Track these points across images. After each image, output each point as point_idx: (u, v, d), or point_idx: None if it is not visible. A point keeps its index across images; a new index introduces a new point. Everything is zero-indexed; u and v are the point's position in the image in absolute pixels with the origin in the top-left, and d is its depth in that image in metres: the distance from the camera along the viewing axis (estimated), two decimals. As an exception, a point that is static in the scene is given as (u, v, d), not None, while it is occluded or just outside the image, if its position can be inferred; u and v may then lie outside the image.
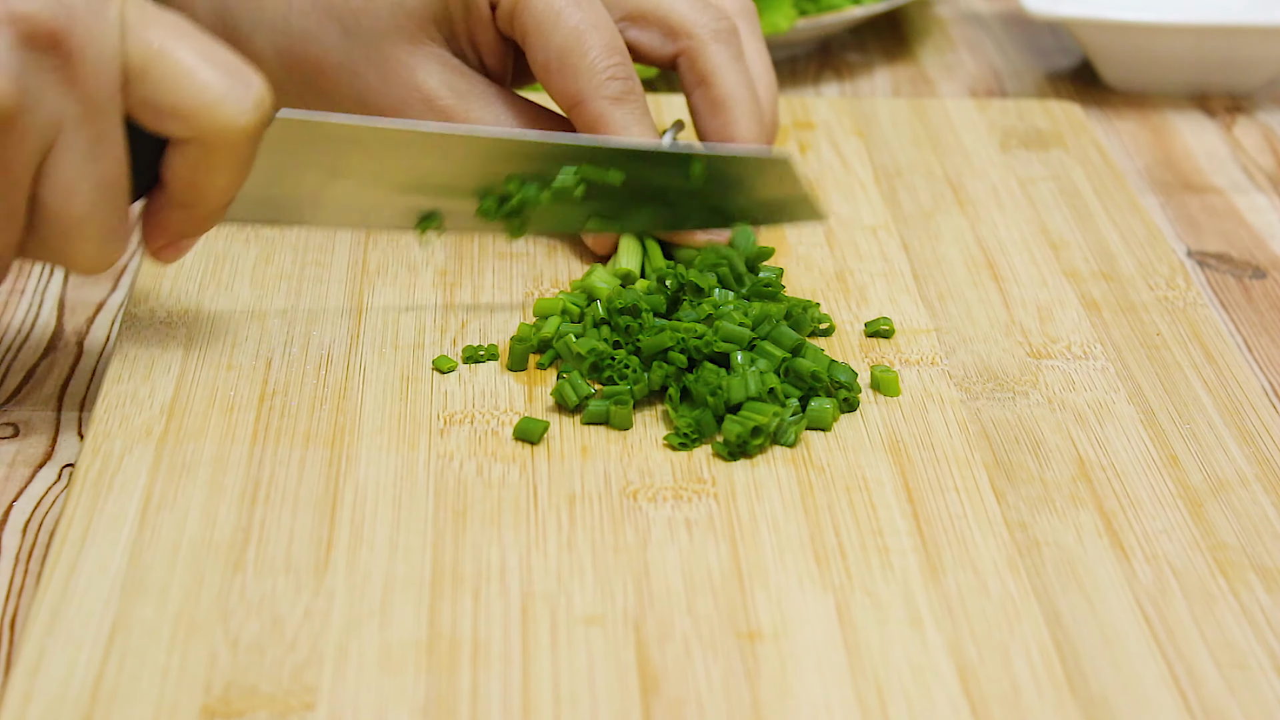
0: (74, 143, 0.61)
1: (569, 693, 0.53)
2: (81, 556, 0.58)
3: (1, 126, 0.59)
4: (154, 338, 0.70)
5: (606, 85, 0.75)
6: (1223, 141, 0.99)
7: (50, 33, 0.59)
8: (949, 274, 0.78)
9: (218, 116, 0.62)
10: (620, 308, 0.69)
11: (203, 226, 0.66)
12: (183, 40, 0.62)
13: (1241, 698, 0.54)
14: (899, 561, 0.59)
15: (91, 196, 0.62)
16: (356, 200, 0.72)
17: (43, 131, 0.60)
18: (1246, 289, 0.83)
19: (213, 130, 0.62)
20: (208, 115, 0.62)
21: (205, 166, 0.64)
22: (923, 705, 0.53)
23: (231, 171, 0.64)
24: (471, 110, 0.76)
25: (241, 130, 0.62)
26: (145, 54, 0.61)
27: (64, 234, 0.62)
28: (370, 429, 0.65)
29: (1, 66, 0.58)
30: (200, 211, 0.65)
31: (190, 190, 0.64)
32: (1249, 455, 0.66)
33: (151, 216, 0.66)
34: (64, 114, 0.60)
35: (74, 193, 0.61)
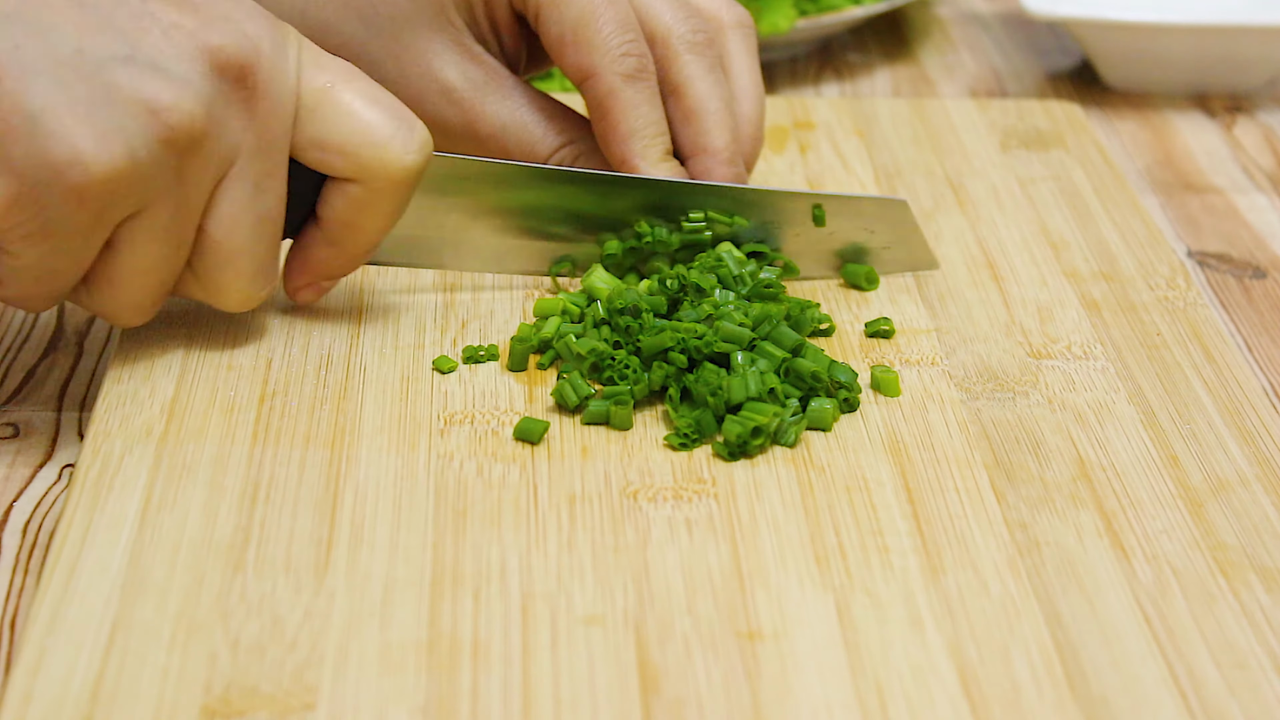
0: (246, 174, 0.63)
1: (569, 693, 0.53)
2: (81, 556, 0.58)
3: (190, 149, 0.61)
4: (154, 338, 0.70)
5: (620, 61, 0.75)
6: (1223, 141, 0.99)
7: (240, 66, 0.62)
8: (949, 274, 0.78)
9: (384, 156, 0.65)
10: (620, 308, 0.69)
11: (349, 267, 0.69)
12: (352, 82, 0.65)
13: (1241, 698, 0.54)
14: (899, 561, 0.59)
15: (252, 229, 0.64)
16: (494, 243, 0.74)
17: (222, 159, 0.63)
18: (1246, 289, 0.83)
19: (378, 169, 0.65)
20: (374, 154, 0.65)
21: (365, 206, 0.66)
22: (923, 705, 0.53)
23: (389, 212, 0.67)
24: (488, 102, 0.76)
25: (405, 170, 0.65)
26: (318, 92, 0.64)
27: (220, 266, 0.65)
28: (370, 429, 0.65)
29: (196, 92, 0.61)
30: (350, 251, 0.68)
31: (345, 229, 0.67)
32: (1249, 455, 0.66)
33: (299, 255, 0.68)
34: (241, 145, 0.63)
35: (238, 225, 0.64)
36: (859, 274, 0.76)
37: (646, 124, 0.75)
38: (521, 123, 0.76)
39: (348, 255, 0.68)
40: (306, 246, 0.68)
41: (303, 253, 0.68)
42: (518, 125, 0.76)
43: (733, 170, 0.76)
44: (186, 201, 0.62)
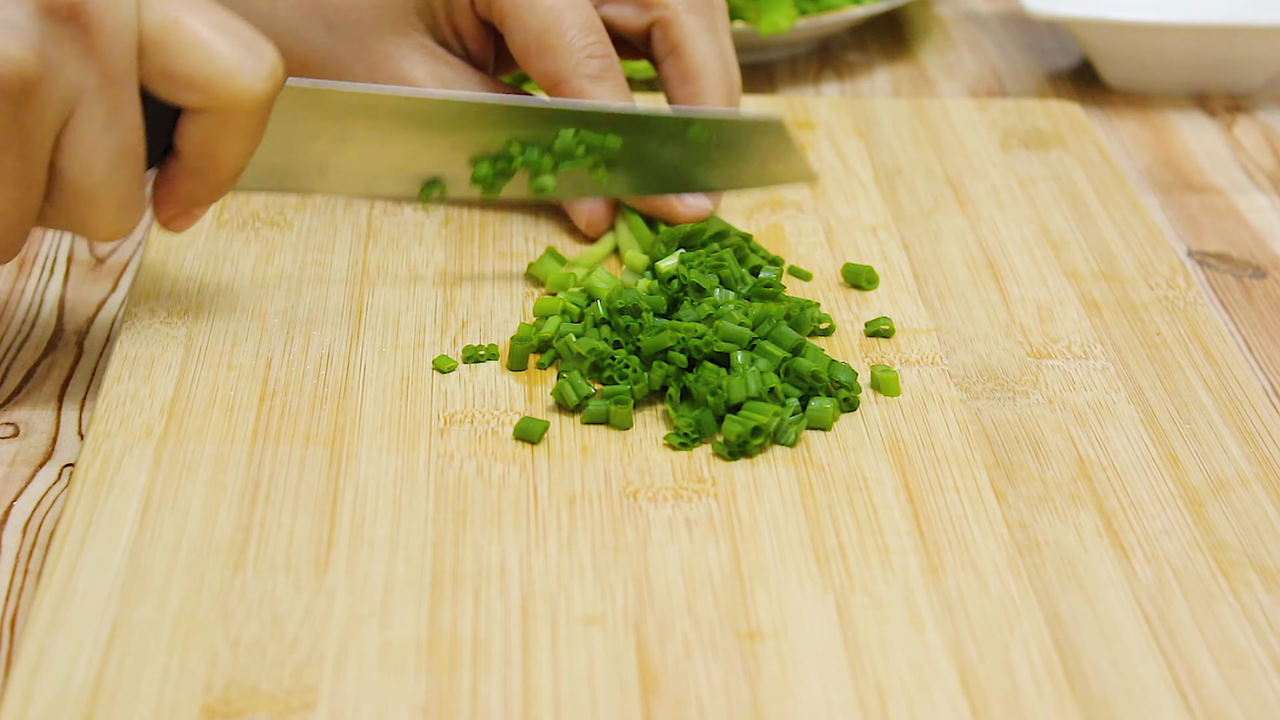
0: (92, 112, 0.62)
1: (569, 693, 0.53)
2: (81, 556, 0.58)
3: (23, 95, 0.60)
4: (154, 338, 0.70)
5: (585, 64, 0.76)
6: (1223, 141, 0.99)
7: (69, 4, 0.60)
8: (949, 274, 0.78)
9: (232, 85, 0.63)
10: (620, 308, 0.69)
11: (214, 194, 0.68)
12: (197, 11, 0.63)
13: (1241, 698, 0.54)
14: (899, 561, 0.59)
15: (109, 165, 0.63)
16: (361, 168, 0.73)
17: (62, 101, 0.61)
18: (1246, 289, 0.83)
19: (227, 98, 0.64)
20: (223, 84, 0.63)
21: (219, 134, 0.65)
22: (923, 705, 0.53)
23: (244, 139, 0.65)
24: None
25: (255, 98, 0.64)
26: (161, 24, 0.63)
27: (82, 202, 0.63)
28: (370, 429, 0.65)
29: (23, 36, 0.60)
30: (213, 179, 0.67)
31: (203, 158, 0.66)
32: (1249, 455, 0.66)
33: (163, 186, 0.67)
34: (83, 83, 0.62)
35: (92, 161, 0.63)
36: (859, 273, 0.76)
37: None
38: None
39: (211, 183, 0.67)
40: (170, 177, 0.67)
41: (167, 183, 0.67)
42: None
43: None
44: (30, 145, 0.61)
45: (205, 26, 0.63)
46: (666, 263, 0.72)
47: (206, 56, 0.63)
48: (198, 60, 0.63)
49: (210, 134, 0.65)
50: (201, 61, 0.63)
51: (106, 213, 0.64)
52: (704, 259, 0.72)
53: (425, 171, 0.74)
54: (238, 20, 0.64)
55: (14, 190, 0.62)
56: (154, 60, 0.63)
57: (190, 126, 0.65)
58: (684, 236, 0.75)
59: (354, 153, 0.73)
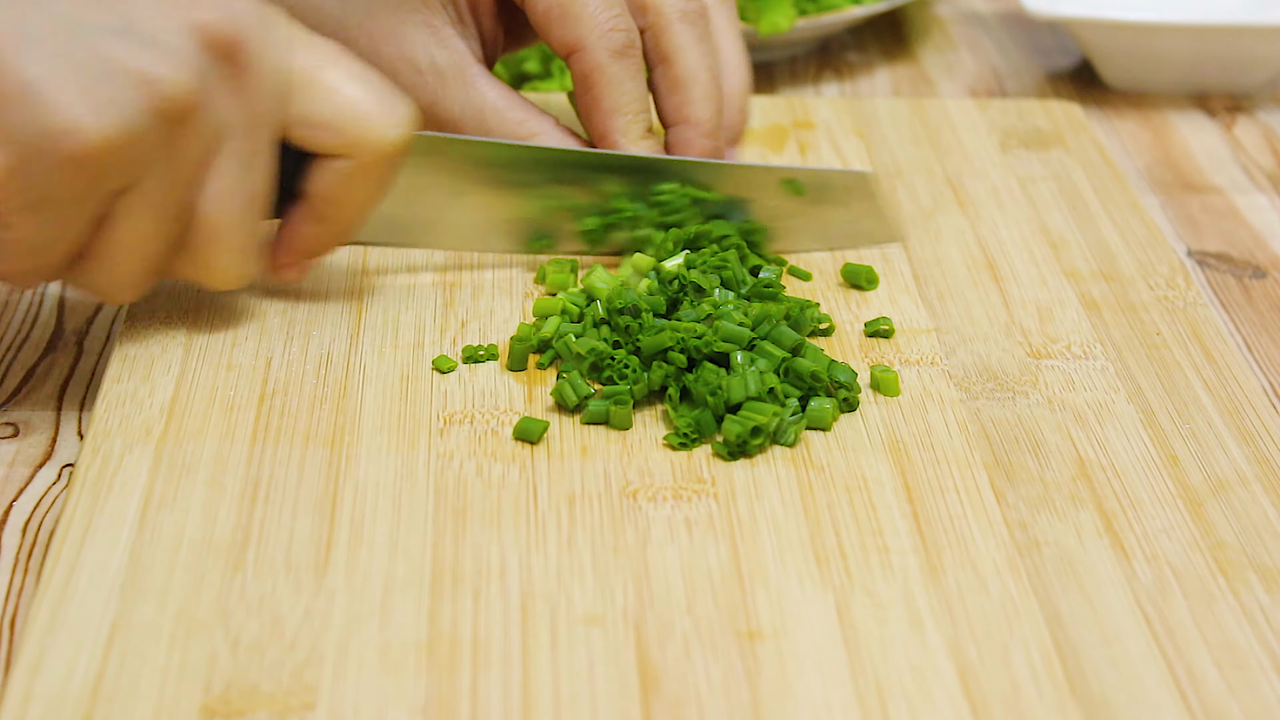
0: (235, 152, 0.64)
1: (569, 693, 0.53)
2: (81, 556, 0.58)
3: (183, 120, 0.61)
4: (154, 338, 0.70)
5: (609, 36, 0.75)
6: (1223, 141, 0.99)
7: (231, 42, 0.62)
8: (949, 274, 0.78)
9: (370, 131, 0.65)
10: (620, 308, 0.69)
11: (334, 244, 0.69)
12: (339, 61, 0.66)
13: (1241, 698, 0.54)
14: (899, 561, 0.59)
15: (243, 207, 0.65)
16: (473, 221, 0.75)
17: (212, 134, 0.63)
18: (1246, 289, 0.83)
19: (364, 144, 0.66)
20: (361, 130, 0.65)
21: (351, 181, 0.67)
22: (923, 705, 0.53)
23: (375, 188, 0.67)
24: (449, 89, 0.77)
25: (392, 144, 0.66)
26: (305, 71, 0.65)
27: (210, 244, 0.65)
28: (370, 429, 0.65)
29: (187, 64, 0.61)
30: (336, 228, 0.68)
31: (331, 205, 0.67)
32: (1249, 455, 0.66)
33: (285, 233, 0.69)
34: (231, 122, 0.63)
35: (228, 202, 0.64)
36: (859, 273, 0.76)
37: (630, 101, 0.76)
38: (478, 111, 0.77)
39: (333, 232, 0.68)
40: (291, 225, 0.68)
41: (288, 231, 0.69)
42: (474, 114, 0.76)
43: (712, 144, 0.77)
44: (178, 176, 0.62)
45: (346, 75, 0.65)
46: (671, 263, 0.72)
47: (347, 102, 0.65)
48: (338, 106, 0.65)
49: (343, 181, 0.66)
50: (342, 107, 0.65)
51: (230, 258, 0.65)
52: (707, 259, 0.72)
53: (532, 223, 0.75)
54: (375, 72, 0.66)
55: (155, 222, 0.63)
56: (296, 105, 0.65)
57: (323, 173, 0.66)
58: (689, 239, 0.75)
59: (466, 205, 0.74)
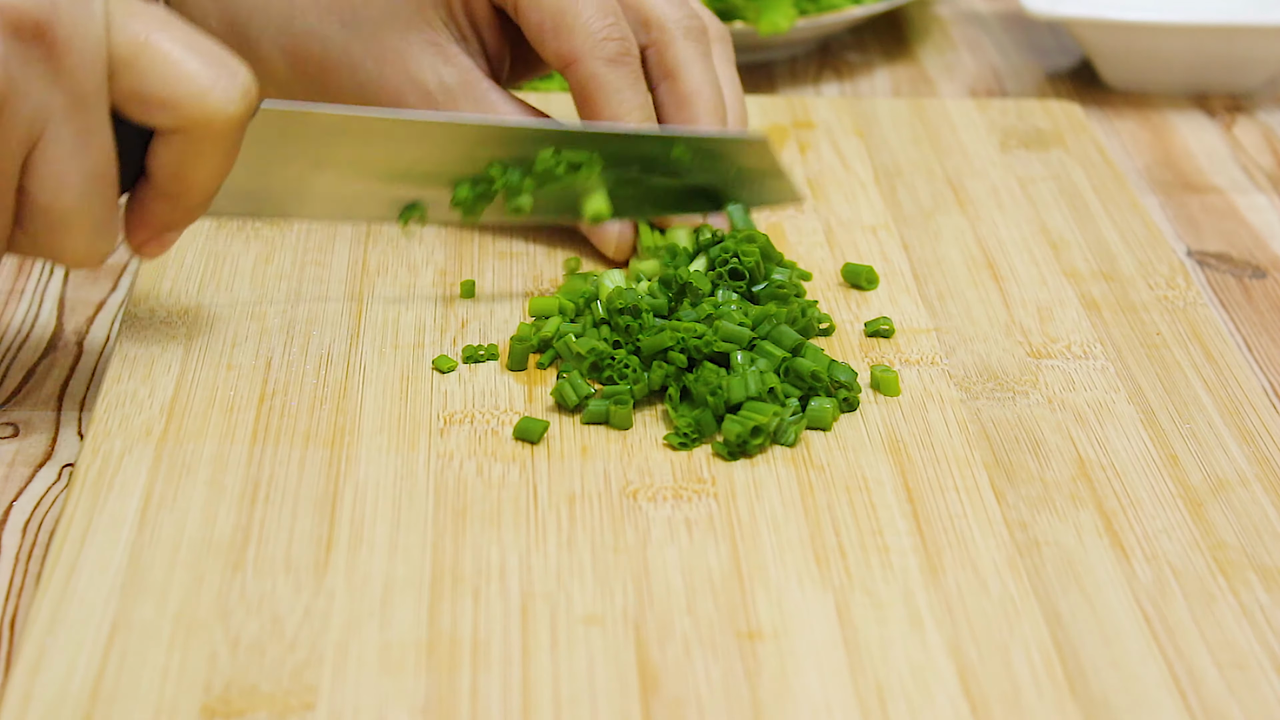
0: (62, 135, 0.61)
1: (569, 693, 0.53)
2: (81, 556, 0.58)
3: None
4: (154, 338, 0.70)
5: (602, 45, 0.75)
6: (1223, 141, 0.99)
7: (35, 23, 0.59)
8: (949, 274, 0.78)
9: (205, 106, 0.62)
10: (620, 308, 0.69)
11: (187, 219, 0.66)
12: (168, 31, 0.62)
13: (1241, 698, 0.54)
14: (899, 561, 0.59)
15: (80, 189, 0.62)
16: (340, 191, 0.72)
17: (30, 123, 0.60)
18: (1246, 289, 0.83)
19: (200, 120, 0.62)
20: (195, 105, 0.62)
21: (191, 156, 0.64)
22: (923, 705, 0.53)
23: (217, 161, 0.64)
24: (460, 106, 0.76)
25: (228, 119, 0.63)
26: (131, 45, 0.61)
27: (53, 227, 0.62)
28: (370, 429, 0.65)
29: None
30: (185, 203, 0.65)
31: (176, 181, 0.64)
32: (1249, 455, 0.66)
33: (135, 210, 0.66)
34: (51, 106, 0.60)
35: (63, 185, 0.61)
36: (859, 273, 0.76)
37: (631, 108, 0.75)
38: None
39: (183, 207, 0.66)
40: (142, 201, 0.66)
41: (139, 207, 0.66)
42: None
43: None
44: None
45: (177, 46, 0.62)
46: (694, 266, 0.72)
47: (178, 76, 0.62)
48: (170, 80, 0.62)
49: (182, 156, 0.64)
50: (173, 82, 0.62)
51: (80, 238, 0.63)
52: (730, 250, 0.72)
53: (404, 195, 0.73)
54: (210, 40, 0.63)
55: None
56: (125, 81, 0.62)
57: (162, 148, 0.64)
58: (708, 242, 0.74)
59: (331, 177, 0.72)
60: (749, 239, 0.72)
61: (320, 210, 0.73)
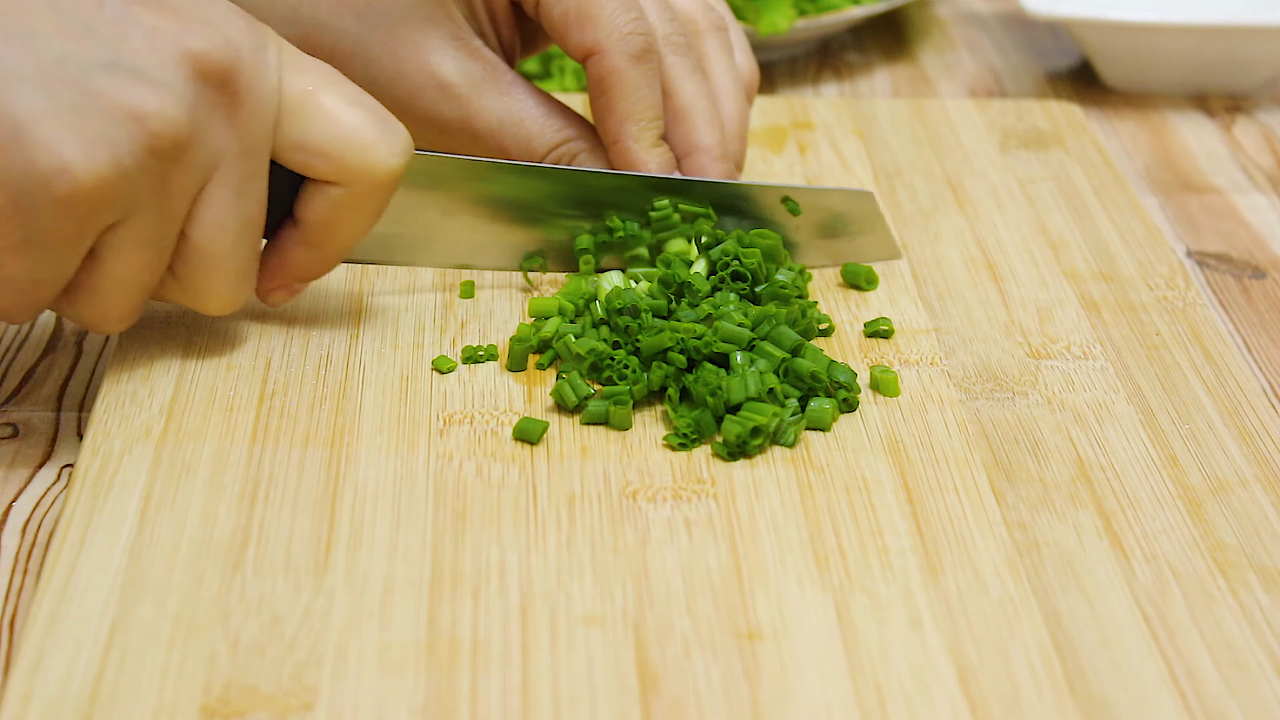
0: (229, 179, 0.63)
1: (569, 693, 0.53)
2: (81, 556, 0.58)
3: (174, 155, 0.60)
4: (154, 338, 0.70)
5: (628, 40, 0.75)
6: (1222, 141, 0.99)
7: (222, 71, 0.61)
8: (948, 274, 0.78)
9: (367, 158, 0.64)
10: (620, 308, 0.69)
11: (324, 268, 0.68)
12: (334, 85, 0.64)
13: (1241, 698, 0.54)
14: (899, 562, 0.59)
15: (236, 234, 0.64)
16: (467, 240, 0.74)
17: (205, 165, 0.62)
18: (1246, 289, 0.83)
19: (360, 173, 0.64)
20: (358, 157, 0.64)
21: (345, 208, 0.65)
22: (922, 705, 0.53)
23: (369, 214, 0.66)
24: (485, 98, 0.76)
25: (389, 172, 0.65)
26: (299, 96, 0.64)
27: (204, 271, 0.64)
28: (370, 429, 0.65)
29: (179, 98, 0.60)
30: (327, 253, 0.67)
31: (324, 231, 0.66)
32: (1248, 455, 0.66)
33: (274, 256, 0.68)
34: (224, 151, 0.62)
35: (221, 229, 0.63)
36: (859, 274, 0.76)
37: (645, 107, 0.76)
38: (518, 119, 0.76)
39: (324, 256, 0.67)
40: (282, 248, 0.67)
41: (278, 254, 0.67)
42: (514, 122, 0.76)
43: (724, 166, 0.77)
44: (170, 208, 0.61)
45: (341, 100, 0.64)
46: (694, 270, 0.72)
47: (344, 129, 0.64)
48: (334, 132, 0.64)
49: (336, 207, 0.65)
50: (338, 134, 0.64)
51: (225, 283, 0.64)
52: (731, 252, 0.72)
53: (527, 243, 0.75)
54: (370, 97, 0.65)
55: (146, 254, 0.62)
56: (290, 130, 0.64)
57: (316, 198, 0.65)
58: (709, 244, 0.74)
59: (459, 224, 0.74)
60: (752, 242, 0.73)
61: (447, 258, 0.75)
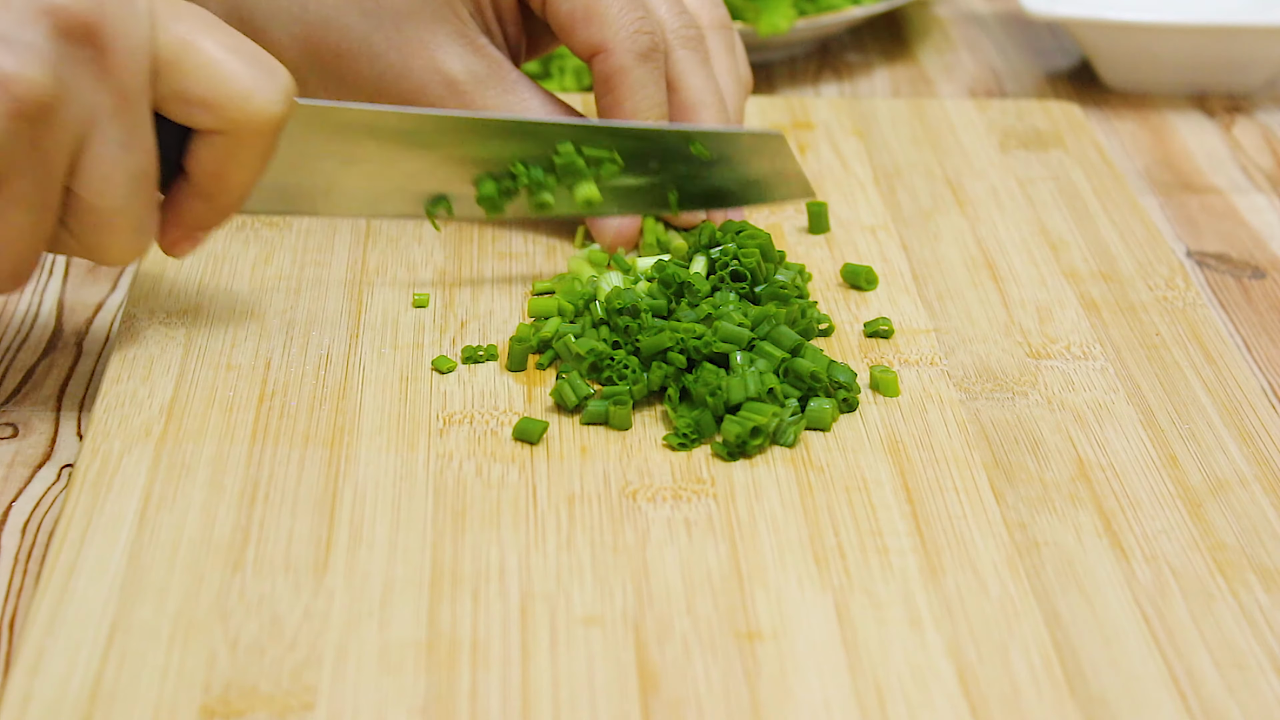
0: (108, 134, 0.62)
1: (568, 693, 0.53)
2: (81, 556, 0.58)
3: (40, 117, 0.60)
4: (154, 338, 0.70)
5: (635, 39, 0.75)
6: (1222, 141, 0.99)
7: (84, 24, 0.60)
8: (948, 274, 0.78)
9: (247, 107, 0.63)
10: (619, 308, 0.69)
11: (221, 218, 0.67)
12: (210, 32, 0.63)
13: (1241, 698, 0.54)
14: (898, 562, 0.59)
15: (125, 188, 0.63)
16: (367, 187, 0.73)
17: (78, 123, 0.61)
18: (1246, 289, 0.83)
19: (242, 120, 0.63)
20: (238, 106, 0.63)
21: (231, 157, 0.65)
22: (922, 706, 0.53)
23: (256, 161, 0.65)
24: (490, 95, 0.77)
25: (270, 120, 0.64)
26: (174, 46, 0.63)
27: (96, 226, 0.63)
28: (369, 429, 0.65)
29: (40, 57, 0.59)
30: (221, 202, 0.66)
31: (214, 181, 0.65)
32: (1248, 455, 0.66)
33: (170, 209, 0.67)
34: (98, 106, 0.61)
35: (108, 184, 0.62)
36: (859, 274, 0.76)
37: (651, 105, 0.76)
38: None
39: (219, 206, 0.67)
40: (177, 200, 0.67)
41: (174, 207, 0.67)
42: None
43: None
44: (46, 168, 0.61)
45: (219, 48, 0.63)
46: (694, 268, 0.72)
47: (221, 77, 0.63)
48: (212, 81, 0.63)
49: (222, 156, 0.65)
50: (216, 83, 0.63)
51: (121, 236, 0.64)
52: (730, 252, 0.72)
53: (430, 190, 0.74)
54: (250, 42, 0.64)
55: (28, 215, 0.62)
56: (167, 82, 0.63)
57: (202, 148, 0.65)
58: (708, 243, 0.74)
59: (360, 172, 0.73)
60: (750, 237, 0.73)
61: (348, 207, 0.74)
